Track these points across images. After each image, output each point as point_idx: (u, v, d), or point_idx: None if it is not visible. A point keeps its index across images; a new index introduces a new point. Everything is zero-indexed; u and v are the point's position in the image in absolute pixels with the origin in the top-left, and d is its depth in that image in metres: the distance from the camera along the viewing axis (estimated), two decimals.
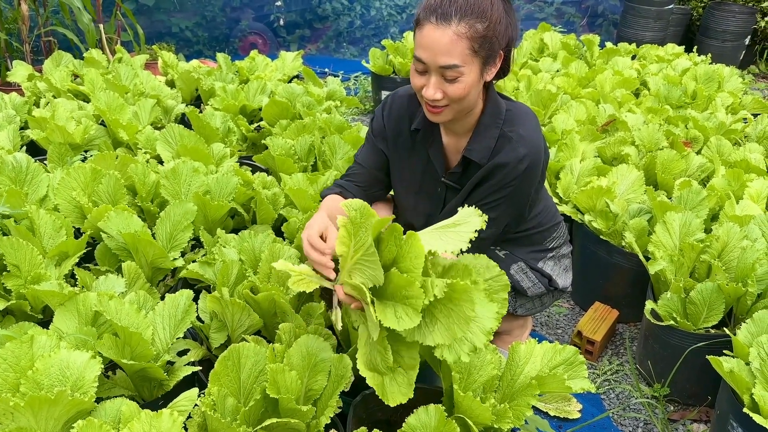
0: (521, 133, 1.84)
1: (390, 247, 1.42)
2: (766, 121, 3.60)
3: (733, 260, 2.25)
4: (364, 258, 1.40)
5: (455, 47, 1.63)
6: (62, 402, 1.39)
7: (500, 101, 1.90)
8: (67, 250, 2.13)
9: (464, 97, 1.73)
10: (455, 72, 1.66)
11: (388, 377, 1.48)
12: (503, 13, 1.70)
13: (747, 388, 1.79)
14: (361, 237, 1.41)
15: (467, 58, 1.65)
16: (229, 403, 1.54)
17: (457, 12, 1.62)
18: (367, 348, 1.49)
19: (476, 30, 1.63)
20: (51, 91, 3.68)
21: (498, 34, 1.68)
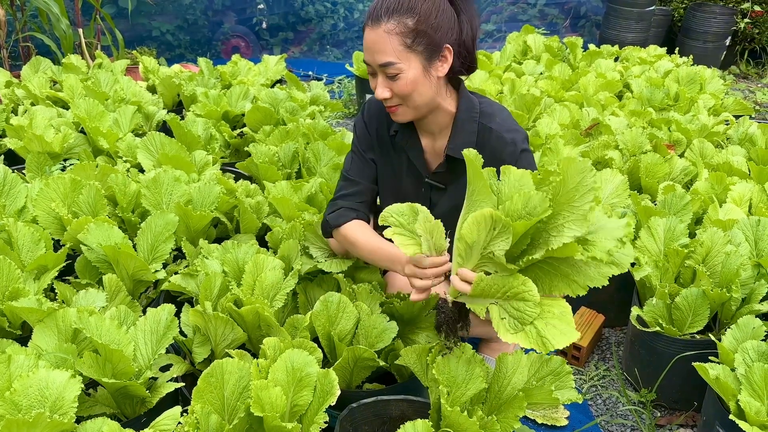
0: (499, 121, 1.88)
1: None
2: (748, 124, 3.63)
3: (717, 265, 2.26)
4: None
5: (387, 44, 1.69)
6: (41, 424, 1.36)
7: (473, 97, 1.93)
8: (47, 264, 2.10)
9: (411, 93, 1.76)
10: (394, 69, 1.71)
11: (540, 323, 1.36)
12: (440, 7, 1.72)
13: (732, 394, 1.79)
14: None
15: (402, 53, 1.70)
16: (213, 421, 1.52)
17: (387, 11, 1.69)
18: (499, 314, 1.41)
19: (405, 25, 1.68)
20: (29, 98, 3.62)
21: (435, 27, 1.71)
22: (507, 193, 1.43)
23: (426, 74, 1.75)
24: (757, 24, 6.68)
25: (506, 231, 1.35)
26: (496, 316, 1.41)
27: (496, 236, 1.37)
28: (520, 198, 1.36)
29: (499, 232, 1.36)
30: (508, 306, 1.40)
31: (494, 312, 1.42)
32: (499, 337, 2.11)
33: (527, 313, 1.36)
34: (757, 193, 2.74)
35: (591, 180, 1.32)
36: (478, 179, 1.41)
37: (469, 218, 1.38)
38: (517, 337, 1.36)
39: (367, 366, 1.88)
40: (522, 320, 1.37)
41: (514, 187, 1.42)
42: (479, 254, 1.44)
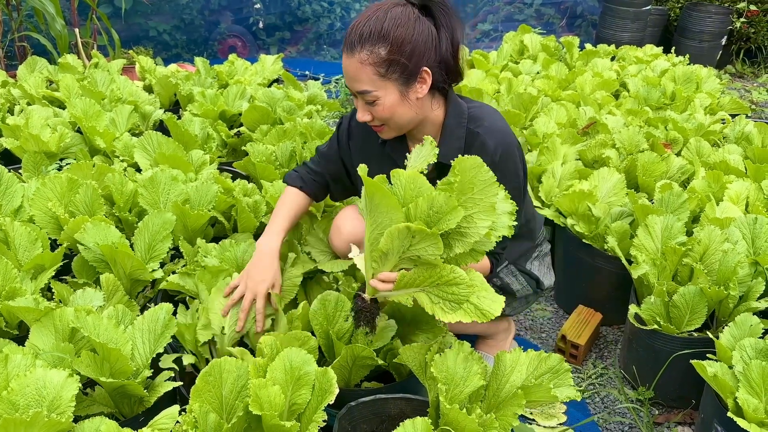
0: (486, 125, 1.88)
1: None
2: (744, 122, 3.64)
3: (714, 263, 2.27)
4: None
5: (361, 74, 1.71)
6: (38, 424, 1.35)
7: (461, 103, 1.93)
8: (43, 263, 2.09)
9: (390, 117, 1.78)
10: (371, 96, 1.73)
11: (474, 298, 1.52)
12: (415, 30, 1.70)
13: (730, 391, 1.80)
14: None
15: (377, 82, 1.71)
16: (211, 420, 1.51)
17: (360, 39, 1.69)
18: (430, 300, 1.55)
19: (378, 55, 1.68)
20: (25, 98, 3.61)
21: (409, 54, 1.69)
22: (406, 197, 1.51)
23: (403, 98, 1.77)
24: (752, 23, 6.70)
25: (431, 239, 1.46)
26: (428, 301, 1.55)
27: (417, 243, 1.49)
28: (425, 201, 1.46)
29: (419, 240, 1.48)
30: (439, 291, 1.53)
31: (423, 298, 1.56)
32: (496, 333, 2.12)
33: (462, 294, 1.51)
34: (753, 191, 2.75)
35: (487, 174, 1.47)
36: (378, 192, 1.47)
37: (386, 233, 1.48)
38: (457, 315, 1.50)
39: (366, 365, 1.88)
40: (458, 301, 1.51)
41: (410, 190, 1.51)
42: (396, 258, 1.55)
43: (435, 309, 1.53)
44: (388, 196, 1.44)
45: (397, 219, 1.47)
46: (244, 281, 1.96)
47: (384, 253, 1.55)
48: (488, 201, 1.47)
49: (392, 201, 1.45)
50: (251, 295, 1.93)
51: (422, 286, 1.55)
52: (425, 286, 1.55)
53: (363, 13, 1.73)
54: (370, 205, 1.52)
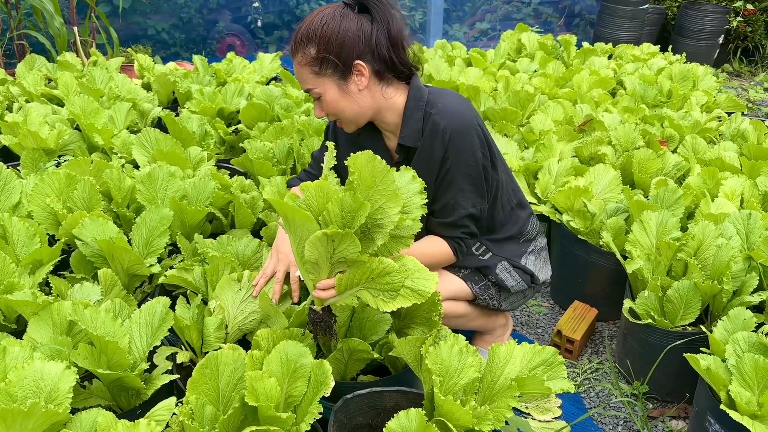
0: (440, 107, 1.93)
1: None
2: (740, 120, 3.65)
3: (708, 258, 2.28)
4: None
5: (301, 74, 1.87)
6: (36, 414, 1.36)
7: (422, 87, 1.99)
8: (41, 258, 2.10)
9: (336, 110, 1.91)
10: (314, 93, 1.89)
11: (408, 282, 1.58)
12: (341, 27, 1.82)
13: (723, 384, 1.81)
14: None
15: (315, 80, 1.86)
16: (208, 412, 1.53)
17: (295, 44, 1.85)
18: (371, 295, 1.61)
19: (309, 54, 1.83)
20: (24, 96, 3.62)
21: (337, 49, 1.81)
22: (319, 206, 1.56)
23: (343, 92, 1.88)
24: (749, 22, 6.72)
25: (348, 238, 1.51)
26: (369, 297, 1.60)
27: (338, 246, 1.54)
28: (335, 205, 1.51)
29: (339, 242, 1.52)
30: (375, 284, 1.59)
31: (366, 295, 1.61)
32: (493, 329, 2.14)
33: (396, 280, 1.56)
34: (748, 188, 2.76)
35: (381, 165, 1.50)
36: (289, 210, 1.51)
37: (307, 243, 1.54)
38: (396, 302, 1.56)
39: (362, 358, 1.89)
40: (394, 289, 1.56)
41: (320, 198, 1.55)
42: (328, 264, 1.60)
43: (377, 302, 1.59)
44: (298, 211, 1.49)
45: (313, 229, 1.52)
46: (275, 256, 2.00)
47: (314, 263, 1.60)
48: (390, 189, 1.51)
49: (302, 214, 1.49)
50: (284, 267, 1.96)
51: (361, 284, 1.61)
52: (363, 283, 1.60)
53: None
54: (287, 223, 1.57)
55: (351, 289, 1.63)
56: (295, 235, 1.58)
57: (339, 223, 1.52)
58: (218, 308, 1.98)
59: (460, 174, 1.94)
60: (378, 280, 1.58)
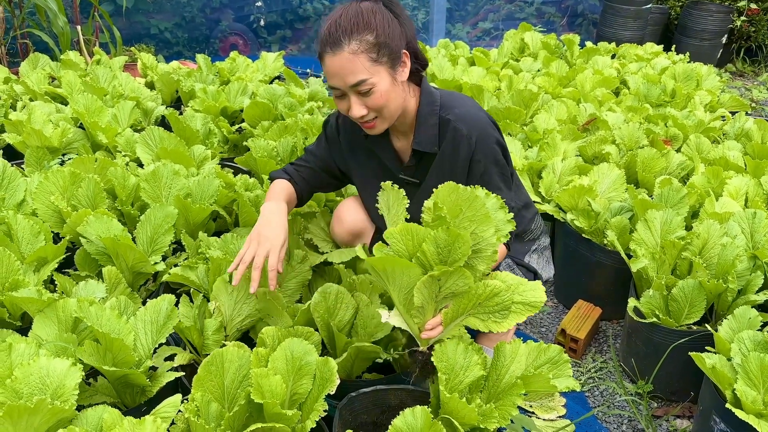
0: (458, 112, 1.92)
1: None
2: (744, 119, 3.65)
3: (713, 257, 2.28)
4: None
5: (355, 64, 1.73)
6: (42, 411, 1.36)
7: (434, 91, 1.97)
8: (46, 256, 2.10)
9: (385, 104, 1.81)
10: (366, 85, 1.75)
11: (518, 297, 1.56)
12: (389, 18, 1.79)
13: (729, 383, 1.81)
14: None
15: (371, 68, 1.75)
16: (213, 409, 1.53)
17: (345, 34, 1.72)
18: (480, 320, 1.58)
19: (368, 42, 1.73)
20: (28, 94, 3.62)
21: (391, 36, 1.77)
22: (409, 249, 1.52)
23: (394, 82, 1.81)
24: (753, 22, 6.71)
25: (456, 274, 1.48)
26: (479, 322, 1.57)
27: (445, 283, 1.51)
28: (430, 244, 1.48)
29: (446, 280, 1.50)
30: (483, 309, 1.55)
31: (473, 321, 1.58)
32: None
33: (506, 299, 1.52)
34: (753, 187, 2.76)
35: (466, 191, 1.49)
36: (388, 263, 1.49)
37: (415, 290, 1.51)
38: (510, 320, 1.53)
39: (368, 357, 1.90)
40: (505, 308, 1.53)
41: (409, 241, 1.52)
42: (433, 303, 1.57)
43: (489, 325, 1.55)
44: (399, 261, 1.45)
45: (416, 275, 1.48)
46: (255, 240, 1.86)
47: (421, 307, 1.56)
48: (480, 213, 1.49)
49: (404, 263, 1.45)
50: (264, 252, 1.83)
51: (467, 312, 1.57)
52: (470, 310, 1.56)
53: (330, 18, 1.78)
54: (385, 275, 1.52)
55: (456, 320, 1.59)
56: (395, 285, 1.53)
57: (436, 260, 1.49)
58: (217, 310, 1.98)
59: (494, 175, 1.95)
60: (486, 304, 1.54)
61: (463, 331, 1.61)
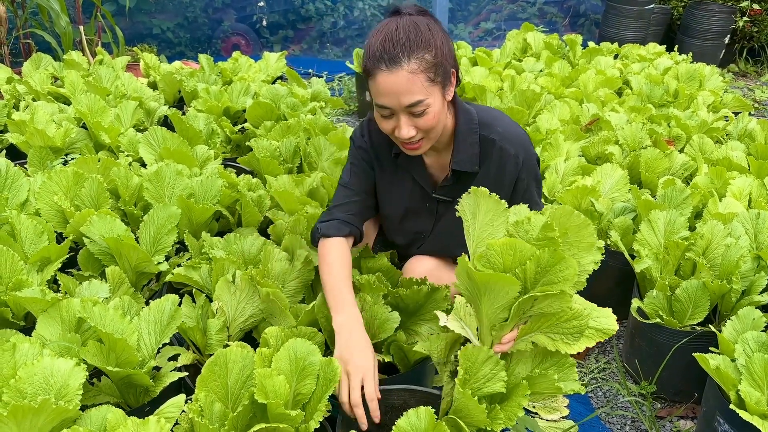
0: (500, 131, 1.88)
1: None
2: (747, 119, 3.64)
3: (717, 258, 2.27)
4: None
5: (414, 84, 1.64)
6: (46, 410, 1.36)
7: (469, 108, 1.91)
8: (50, 256, 2.10)
9: (436, 125, 1.75)
10: (422, 106, 1.67)
11: (592, 322, 1.57)
12: (443, 35, 1.72)
13: (733, 384, 1.80)
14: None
15: (428, 89, 1.67)
16: (217, 409, 1.53)
17: (404, 51, 1.63)
18: (550, 339, 1.58)
19: (427, 61, 1.65)
20: (30, 94, 3.62)
21: (446, 55, 1.70)
22: (506, 264, 1.49)
23: (444, 102, 1.75)
24: (755, 22, 6.70)
25: (557, 297, 1.46)
26: (548, 341, 1.56)
27: (539, 303, 1.49)
28: (533, 263, 1.46)
29: (542, 300, 1.48)
30: (558, 329, 1.54)
31: (542, 339, 1.56)
32: None
33: (583, 323, 1.52)
34: (756, 187, 2.76)
35: (580, 218, 1.47)
36: (491, 278, 1.45)
37: (513, 308, 1.49)
38: (580, 343, 1.53)
39: None
40: (579, 332, 1.53)
41: (509, 256, 1.48)
42: (517, 320, 1.55)
43: (557, 345, 1.54)
44: (501, 277, 1.43)
45: (513, 291, 1.46)
46: (344, 372, 1.65)
47: (503, 322, 1.55)
48: (586, 242, 1.48)
49: (505, 279, 1.43)
50: (358, 384, 1.63)
51: (540, 329, 1.56)
52: (543, 329, 1.56)
53: (382, 32, 1.67)
54: (484, 288, 1.49)
55: (528, 335, 1.58)
56: (489, 299, 1.50)
57: (532, 279, 1.47)
58: (220, 310, 1.98)
59: (534, 190, 1.96)
60: (563, 325, 1.53)
61: (530, 346, 1.60)
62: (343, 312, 1.76)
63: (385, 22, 1.71)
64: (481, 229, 1.56)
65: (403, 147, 1.82)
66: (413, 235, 2.12)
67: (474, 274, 1.45)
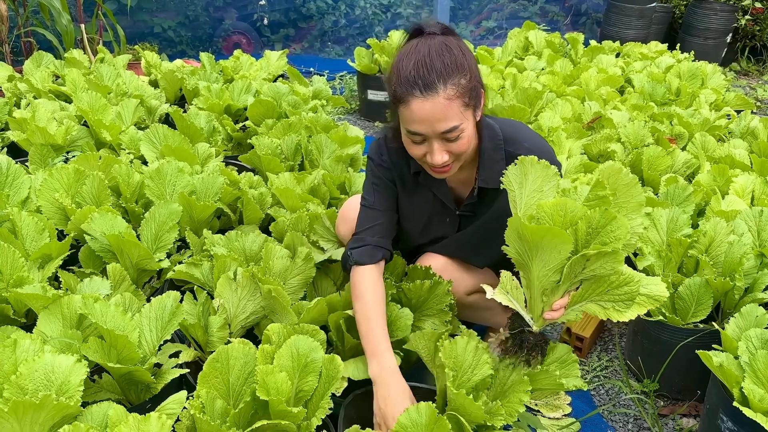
0: (528, 147, 1.83)
1: None
2: (750, 117, 3.64)
3: (720, 255, 2.27)
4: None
5: (450, 111, 1.60)
6: (47, 407, 1.36)
7: (491, 123, 1.86)
8: (51, 253, 2.10)
9: (468, 148, 1.71)
10: (457, 132, 1.63)
11: (643, 289, 1.54)
12: (471, 54, 1.68)
13: (736, 381, 1.79)
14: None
15: (463, 113, 1.63)
16: (218, 406, 1.52)
17: (439, 77, 1.58)
18: (601, 307, 1.55)
19: (462, 86, 1.61)
20: (32, 92, 3.62)
21: (477, 77, 1.67)
22: (557, 225, 1.47)
23: (475, 124, 1.72)
24: (757, 21, 6.68)
25: (609, 256, 1.44)
26: (599, 309, 1.53)
27: (592, 264, 1.48)
28: (584, 222, 1.44)
29: (594, 261, 1.47)
30: (609, 297, 1.51)
31: (593, 308, 1.53)
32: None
33: (634, 290, 1.49)
34: (759, 185, 2.75)
35: (627, 177, 1.46)
36: (546, 233, 1.44)
37: (565, 267, 1.47)
38: (631, 311, 1.50)
39: None
40: (630, 298, 1.49)
41: (559, 217, 1.47)
42: (568, 284, 1.53)
43: (608, 313, 1.51)
44: (558, 233, 1.40)
45: (565, 251, 1.44)
46: (384, 425, 1.62)
47: (554, 287, 1.53)
48: (635, 201, 1.47)
49: (562, 236, 1.40)
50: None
51: (590, 297, 1.54)
52: (594, 297, 1.53)
53: (413, 56, 1.61)
54: (536, 248, 1.47)
55: (579, 304, 1.55)
56: (540, 260, 1.48)
57: (583, 240, 1.46)
58: (221, 307, 1.97)
59: None
60: (614, 291, 1.50)
61: (581, 317, 1.58)
62: (379, 361, 1.70)
63: (413, 44, 1.65)
64: (529, 196, 1.53)
65: (431, 171, 1.77)
66: (430, 243, 2.10)
67: (526, 229, 1.42)
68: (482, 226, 1.96)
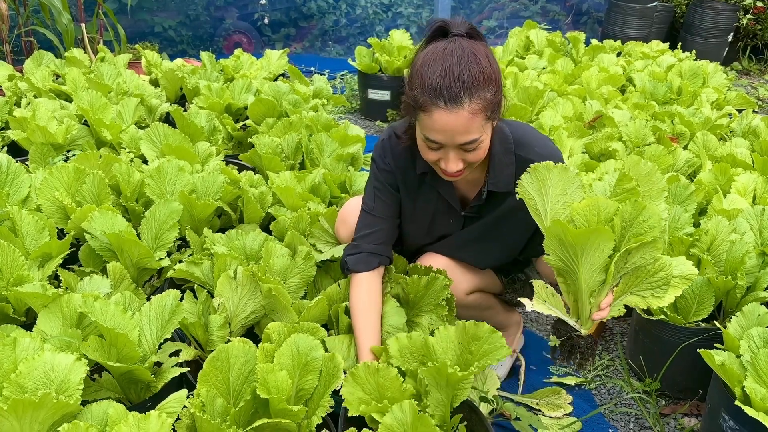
0: (538, 151, 1.81)
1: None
2: (751, 116, 3.63)
3: (722, 254, 2.26)
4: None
5: (473, 125, 1.57)
6: (47, 405, 1.35)
7: (501, 126, 1.83)
8: (51, 251, 2.10)
9: (483, 157, 1.70)
10: (475, 143, 1.62)
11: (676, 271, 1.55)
12: (496, 61, 1.64)
13: (738, 380, 1.79)
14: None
15: (484, 126, 1.61)
16: (219, 404, 1.52)
17: (466, 89, 1.54)
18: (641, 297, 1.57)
19: (487, 99, 1.57)
20: (32, 91, 3.62)
21: (501, 88, 1.63)
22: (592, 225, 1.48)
23: (491, 132, 1.70)
24: (759, 20, 6.68)
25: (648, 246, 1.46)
26: (639, 300, 1.54)
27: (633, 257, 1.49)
28: (618, 218, 1.46)
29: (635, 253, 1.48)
30: (646, 284, 1.53)
31: (634, 300, 1.55)
32: (509, 326, 2.06)
33: (669, 273, 1.50)
34: (761, 183, 2.74)
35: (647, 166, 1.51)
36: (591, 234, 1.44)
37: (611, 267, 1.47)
38: (669, 295, 1.51)
39: None
40: (666, 282, 1.51)
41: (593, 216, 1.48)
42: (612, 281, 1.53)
43: (648, 302, 1.52)
44: (603, 230, 1.40)
45: (608, 249, 1.44)
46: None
47: (600, 286, 1.52)
48: (656, 187, 1.49)
49: (605, 233, 1.40)
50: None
51: (629, 290, 1.54)
52: (633, 288, 1.54)
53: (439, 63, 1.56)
54: (581, 250, 1.46)
55: (620, 298, 1.55)
56: (586, 262, 1.47)
57: (619, 235, 1.46)
58: (221, 306, 1.97)
59: None
60: (650, 279, 1.51)
61: (624, 311, 1.57)
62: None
63: (440, 48, 1.59)
64: (554, 201, 1.51)
65: (443, 174, 1.75)
66: (433, 243, 2.09)
67: (569, 234, 1.42)
68: (486, 228, 1.96)
